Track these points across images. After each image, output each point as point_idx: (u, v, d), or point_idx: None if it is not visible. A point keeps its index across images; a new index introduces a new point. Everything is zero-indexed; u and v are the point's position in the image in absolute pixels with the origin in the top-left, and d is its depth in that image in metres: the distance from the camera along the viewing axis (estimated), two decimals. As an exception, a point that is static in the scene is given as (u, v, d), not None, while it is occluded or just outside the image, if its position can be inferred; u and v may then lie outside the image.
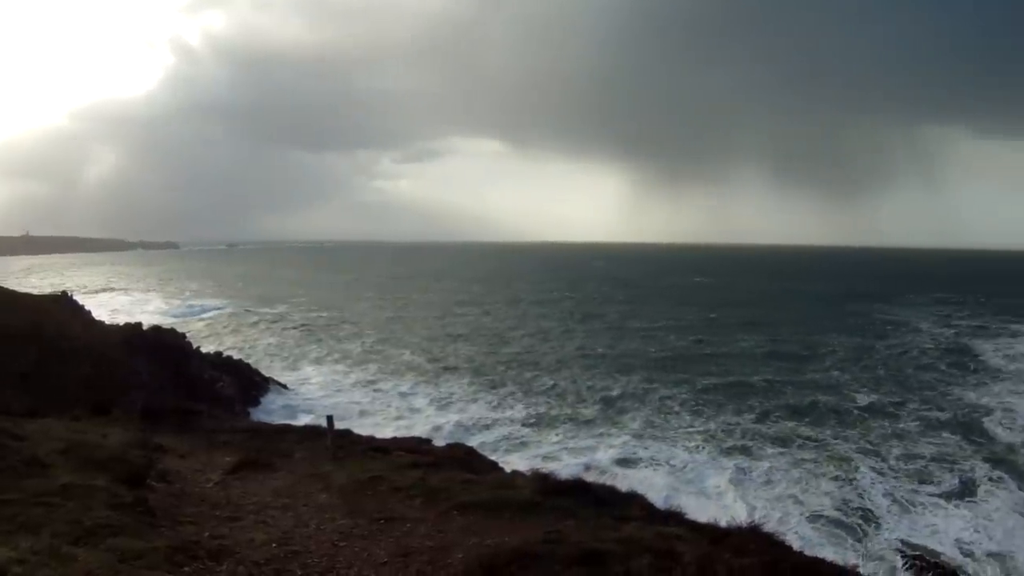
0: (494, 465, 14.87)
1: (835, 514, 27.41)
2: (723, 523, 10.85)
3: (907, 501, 28.73)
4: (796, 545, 20.56)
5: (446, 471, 11.99)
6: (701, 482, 30.62)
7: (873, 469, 32.14)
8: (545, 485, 10.93)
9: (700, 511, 18.76)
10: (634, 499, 11.80)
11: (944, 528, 26.17)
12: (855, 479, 30.95)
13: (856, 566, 18.31)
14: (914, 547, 24.31)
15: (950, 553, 23.92)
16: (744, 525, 10.39)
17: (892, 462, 33.12)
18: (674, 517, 10.88)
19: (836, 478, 31.04)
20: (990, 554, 24.05)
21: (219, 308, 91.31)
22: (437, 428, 37.71)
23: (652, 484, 28.41)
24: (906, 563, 23.13)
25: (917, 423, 40.24)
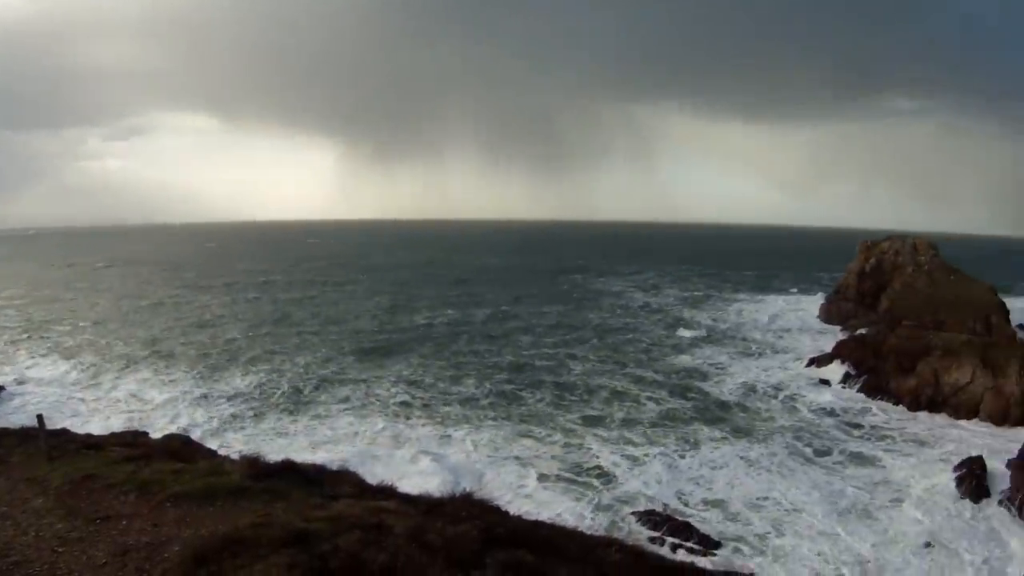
0: (213, 453, 15.14)
1: (565, 475, 29.64)
2: (437, 493, 11.06)
3: (632, 459, 31.56)
4: (527, 507, 22.02)
5: (158, 463, 11.80)
6: (416, 454, 31.76)
7: (596, 435, 34.93)
8: (255, 469, 10.97)
9: (415, 483, 19.55)
10: (345, 476, 12.06)
11: (668, 480, 29.26)
12: (582, 443, 33.57)
13: (578, 525, 19.79)
14: (645, 501, 27.04)
15: (674, 505, 26.83)
16: (458, 494, 10.61)
17: (615, 427, 36.17)
18: (386, 491, 11.17)
19: (565, 444, 33.48)
20: (707, 501, 27.32)
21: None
22: (157, 419, 36.62)
23: (368, 459, 29.49)
24: (637, 518, 25.47)
25: (636, 386, 44.60)
